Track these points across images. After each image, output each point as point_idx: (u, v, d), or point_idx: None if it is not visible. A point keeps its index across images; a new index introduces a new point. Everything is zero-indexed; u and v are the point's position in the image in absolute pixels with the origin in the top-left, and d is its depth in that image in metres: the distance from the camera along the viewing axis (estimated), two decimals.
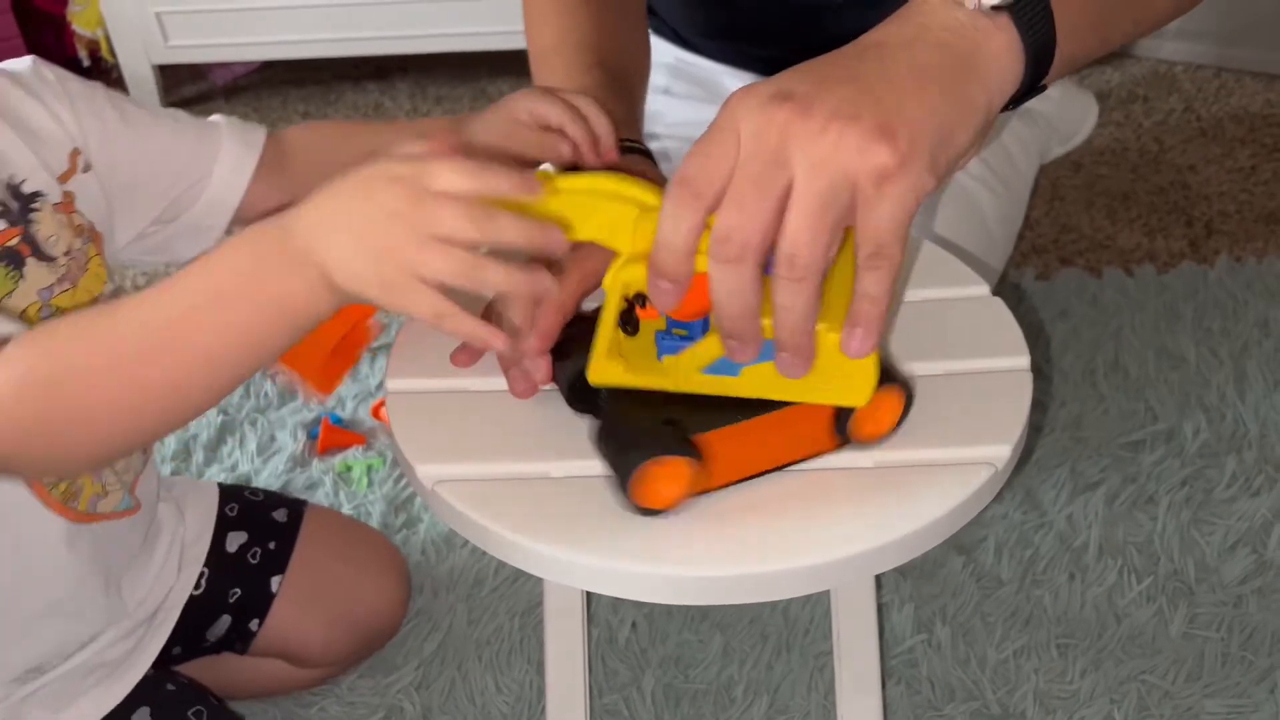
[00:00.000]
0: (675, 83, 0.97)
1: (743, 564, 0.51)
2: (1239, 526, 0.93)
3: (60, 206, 0.62)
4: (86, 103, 0.64)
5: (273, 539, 0.80)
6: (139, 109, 0.67)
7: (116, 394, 0.48)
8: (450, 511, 0.55)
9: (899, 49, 0.48)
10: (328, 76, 1.81)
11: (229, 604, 0.78)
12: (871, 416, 0.53)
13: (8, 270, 0.59)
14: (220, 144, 0.68)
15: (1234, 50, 1.68)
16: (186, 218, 0.68)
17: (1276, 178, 1.42)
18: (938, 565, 0.93)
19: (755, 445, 0.52)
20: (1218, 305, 1.17)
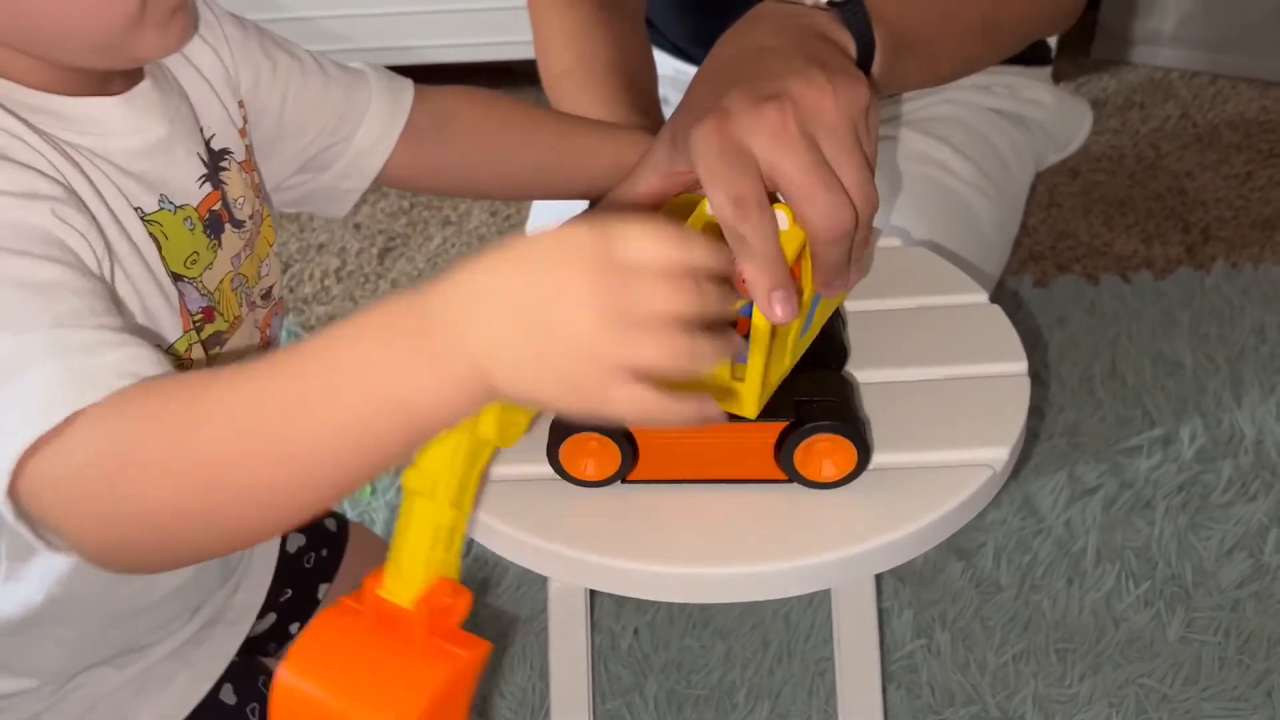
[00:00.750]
0: (673, 93, 0.98)
1: (742, 562, 0.51)
2: (1236, 531, 0.94)
3: (244, 165, 0.57)
4: (241, 48, 0.59)
5: (325, 546, 0.79)
6: (290, 57, 0.61)
7: (177, 496, 0.39)
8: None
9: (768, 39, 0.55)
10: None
11: (279, 603, 0.76)
12: (818, 460, 0.53)
13: (210, 241, 0.55)
14: (369, 102, 0.62)
15: (1230, 57, 1.69)
16: (325, 177, 0.64)
17: (1272, 183, 1.43)
18: (937, 570, 0.93)
19: (694, 454, 0.53)
20: (1214, 311, 1.18)
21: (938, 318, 0.64)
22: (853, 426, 0.52)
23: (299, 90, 0.61)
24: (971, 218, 0.90)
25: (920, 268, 0.69)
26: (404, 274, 1.36)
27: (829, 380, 0.55)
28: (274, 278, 0.63)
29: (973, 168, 0.91)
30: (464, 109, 0.66)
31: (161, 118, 0.53)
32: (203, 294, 0.56)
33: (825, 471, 0.53)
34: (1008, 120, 0.95)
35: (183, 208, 0.54)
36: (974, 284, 0.67)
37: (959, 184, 0.90)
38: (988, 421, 0.57)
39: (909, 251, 0.72)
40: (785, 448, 0.52)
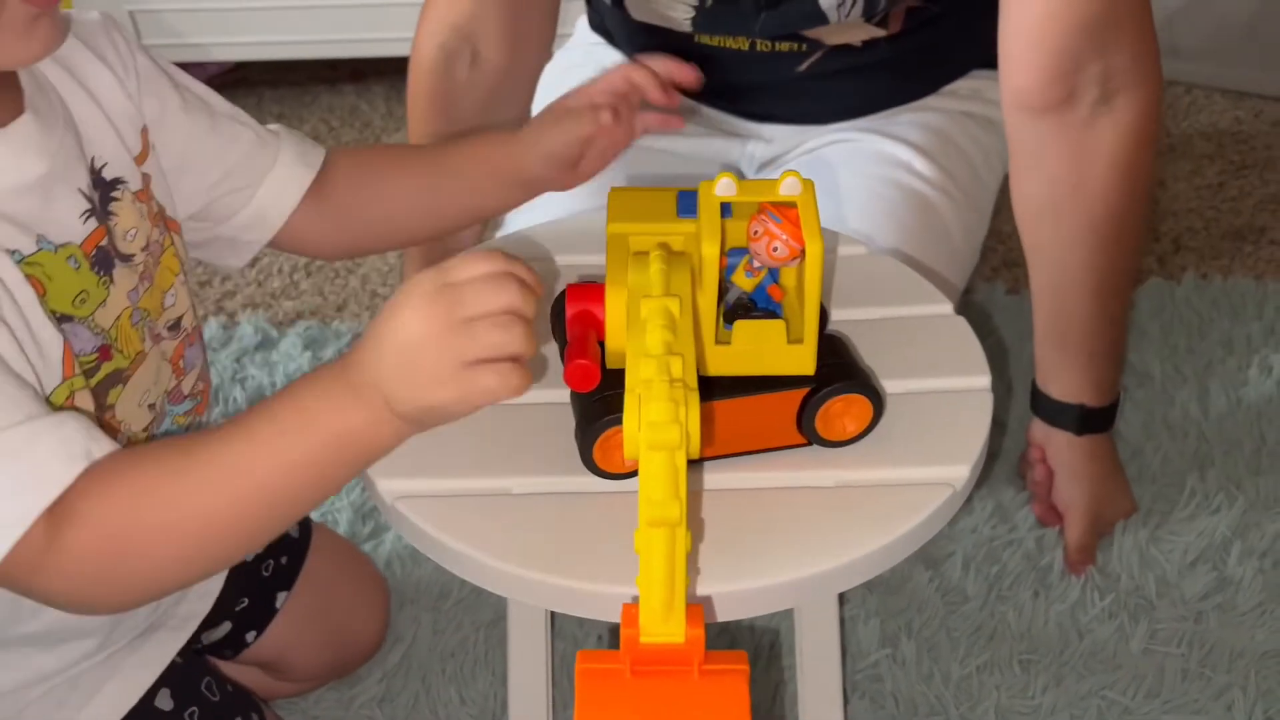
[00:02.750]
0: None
1: (706, 584, 0.51)
2: (1199, 544, 0.94)
3: (139, 195, 0.57)
4: (150, 79, 0.59)
5: (285, 554, 0.79)
6: (201, 100, 0.62)
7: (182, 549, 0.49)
8: (410, 527, 0.55)
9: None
10: (303, 78, 1.80)
11: (234, 612, 0.76)
12: (838, 418, 0.55)
13: (100, 278, 0.54)
14: (277, 157, 0.64)
15: (1203, 67, 1.70)
16: (225, 227, 0.64)
17: (1244, 195, 1.44)
18: (904, 579, 0.93)
19: (720, 428, 0.54)
20: (1184, 322, 1.18)
21: (901, 329, 0.64)
22: (867, 383, 0.55)
23: (206, 131, 0.62)
24: (937, 222, 0.89)
25: (885, 277, 0.69)
26: (374, 269, 1.35)
27: (829, 343, 0.57)
28: (182, 307, 0.61)
29: (937, 170, 0.91)
30: (341, 164, 0.67)
31: (40, 155, 0.52)
32: (96, 333, 0.54)
33: (845, 429, 0.55)
34: (974, 122, 0.95)
35: (65, 246, 0.53)
36: (939, 294, 0.67)
37: (924, 186, 0.90)
38: (949, 438, 0.57)
39: (874, 259, 0.71)
40: (807, 412, 0.54)
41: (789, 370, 0.54)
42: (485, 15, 0.87)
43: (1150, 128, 0.81)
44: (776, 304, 0.56)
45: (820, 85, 0.91)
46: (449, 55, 0.88)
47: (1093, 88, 0.78)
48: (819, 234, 0.52)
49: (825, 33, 0.87)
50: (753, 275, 0.56)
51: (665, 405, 0.45)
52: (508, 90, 0.91)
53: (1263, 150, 1.54)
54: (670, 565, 0.44)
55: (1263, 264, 1.30)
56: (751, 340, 0.54)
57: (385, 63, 1.76)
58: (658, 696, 0.43)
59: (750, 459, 0.56)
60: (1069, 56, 0.77)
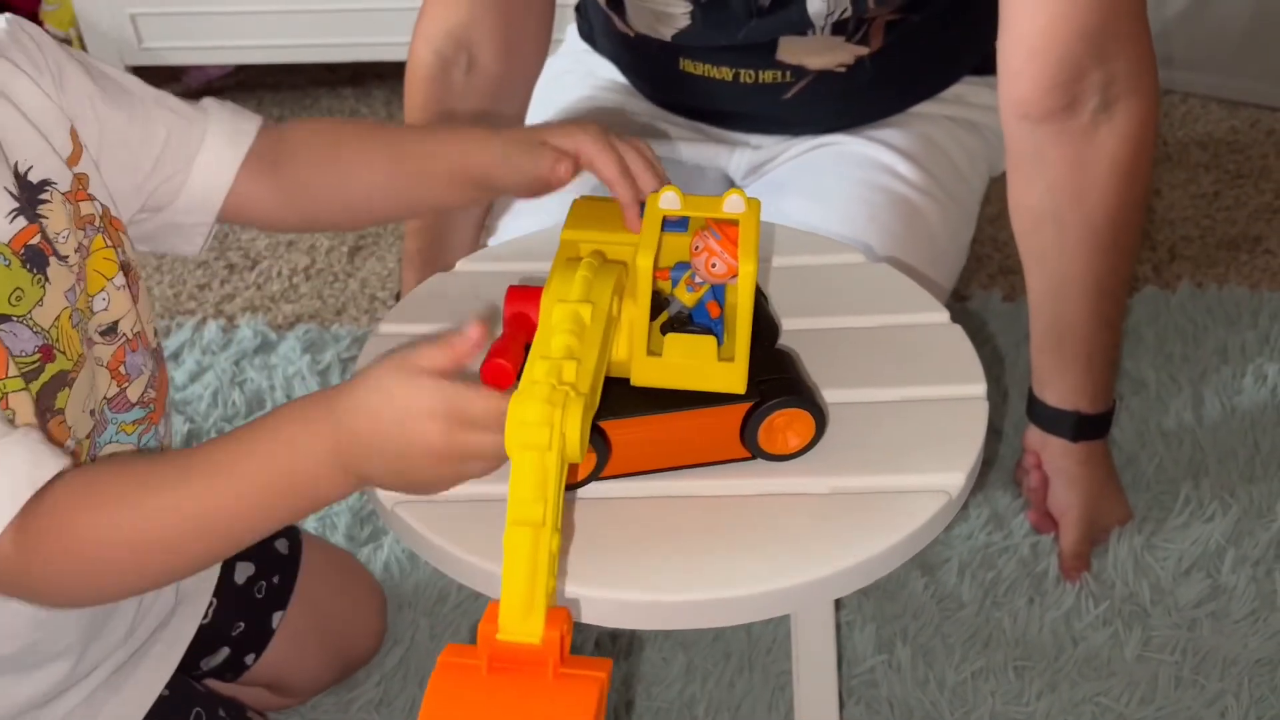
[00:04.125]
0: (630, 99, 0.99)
1: (703, 589, 0.52)
2: (1193, 551, 0.95)
3: (70, 195, 0.56)
4: (69, 78, 0.59)
5: (277, 572, 0.79)
6: (121, 88, 0.61)
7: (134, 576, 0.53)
8: (409, 532, 0.55)
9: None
10: (303, 81, 1.81)
11: (231, 637, 0.76)
12: (781, 432, 0.55)
13: (34, 276, 0.54)
14: (205, 133, 0.62)
15: (1199, 76, 1.70)
16: (167, 213, 0.63)
17: (1239, 204, 1.45)
18: (900, 585, 0.94)
19: (662, 442, 0.54)
20: (1179, 331, 1.19)
21: (898, 337, 0.64)
22: (809, 398, 0.54)
23: (129, 119, 0.61)
24: (921, 224, 0.90)
25: (882, 285, 0.70)
26: (373, 273, 1.35)
27: (774, 358, 0.57)
28: (118, 312, 0.60)
29: (921, 173, 0.92)
30: (299, 135, 0.66)
31: None
32: (36, 332, 0.54)
33: (788, 444, 0.55)
34: (957, 125, 0.96)
35: None
36: (935, 302, 0.68)
37: (907, 189, 0.90)
38: (945, 445, 0.57)
39: (871, 268, 0.72)
40: (749, 427, 0.54)
41: (719, 387, 0.54)
42: (480, 21, 0.87)
43: (1149, 135, 0.82)
44: (714, 320, 0.56)
45: (806, 110, 0.92)
46: (445, 61, 0.89)
47: (1093, 96, 0.79)
48: (754, 254, 0.52)
49: (807, 55, 0.88)
50: (694, 290, 0.56)
51: (540, 406, 0.45)
52: (504, 95, 0.92)
53: (1258, 159, 1.54)
54: (532, 565, 0.44)
55: (1258, 273, 1.31)
56: (682, 355, 0.54)
57: (385, 66, 1.76)
58: (509, 695, 0.43)
59: (743, 467, 0.56)
60: (1070, 65, 0.77)
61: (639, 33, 0.90)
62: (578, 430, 0.45)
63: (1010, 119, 0.82)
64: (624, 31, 0.91)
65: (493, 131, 0.65)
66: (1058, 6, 0.76)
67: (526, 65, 0.93)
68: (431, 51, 0.89)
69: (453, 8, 0.87)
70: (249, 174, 0.64)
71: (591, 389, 0.48)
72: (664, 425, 0.54)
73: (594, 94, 1.00)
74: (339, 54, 1.69)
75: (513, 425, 0.45)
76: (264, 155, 0.64)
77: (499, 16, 0.87)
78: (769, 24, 0.85)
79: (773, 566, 0.52)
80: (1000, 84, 0.82)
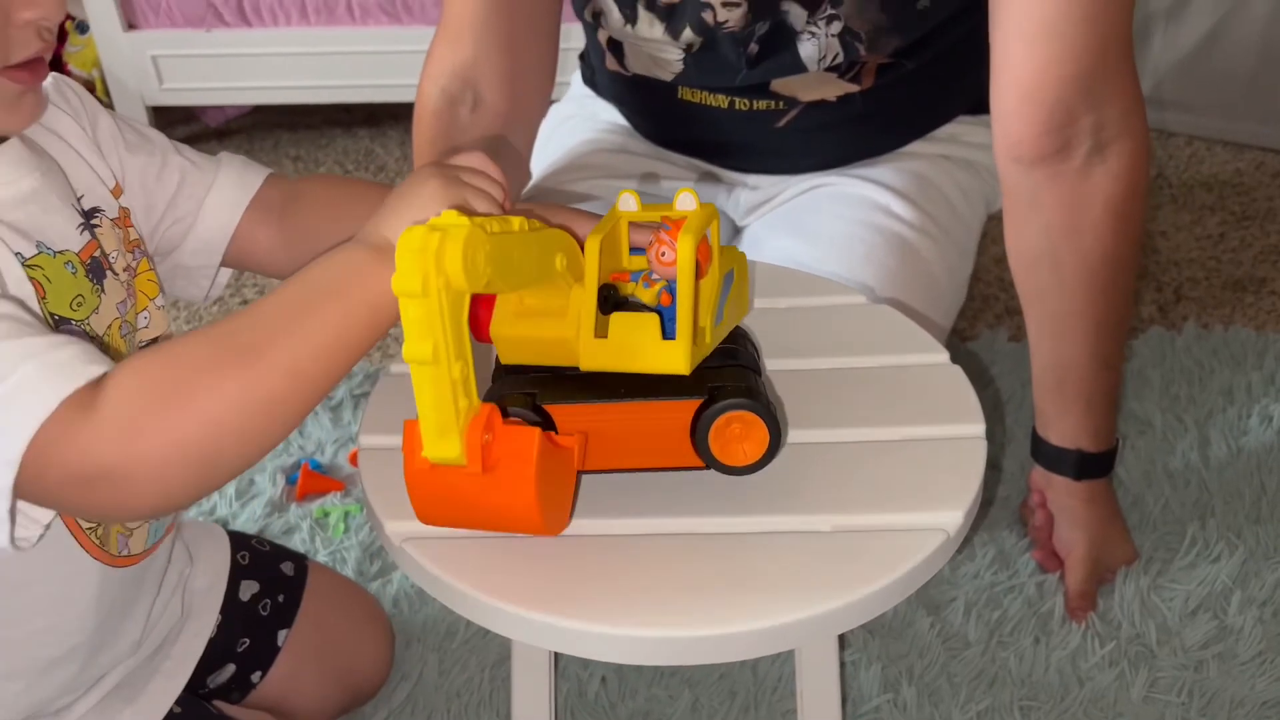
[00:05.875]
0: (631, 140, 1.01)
1: (706, 625, 0.52)
2: (1199, 592, 0.95)
3: (117, 221, 0.62)
4: (103, 123, 0.64)
5: (282, 592, 0.80)
6: (141, 135, 0.66)
7: (232, 397, 0.49)
8: (417, 568, 0.56)
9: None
10: (319, 121, 1.84)
11: (236, 653, 0.77)
12: (736, 443, 0.55)
13: (93, 285, 0.58)
14: (215, 179, 0.67)
15: (1206, 119, 1.72)
16: (176, 255, 0.67)
17: (1244, 245, 1.46)
18: (906, 624, 0.94)
19: (613, 436, 0.55)
20: (1184, 372, 1.19)
21: (899, 377, 0.65)
22: (762, 404, 0.54)
23: (147, 166, 0.65)
24: (918, 262, 0.91)
25: (884, 326, 0.71)
26: None
27: (740, 372, 0.57)
28: (157, 330, 0.64)
29: (917, 211, 0.93)
30: (310, 187, 0.70)
31: (33, 170, 0.57)
32: (90, 337, 0.57)
33: (743, 453, 0.55)
34: (952, 163, 0.97)
35: (63, 253, 0.57)
36: (936, 343, 0.69)
37: (903, 228, 0.92)
38: (944, 485, 0.58)
39: (873, 309, 0.73)
40: (700, 428, 0.54)
41: (662, 368, 0.54)
42: (485, 60, 0.89)
43: (1141, 176, 0.84)
44: (666, 309, 0.56)
45: (799, 140, 0.93)
46: (451, 99, 0.91)
47: (1086, 139, 0.80)
48: (693, 234, 0.54)
49: (800, 89, 0.90)
50: (650, 286, 0.57)
51: (411, 256, 0.46)
52: (509, 131, 0.94)
53: (1264, 201, 1.56)
54: (435, 395, 0.48)
55: (1263, 314, 1.32)
56: (626, 332, 0.54)
57: (399, 107, 1.80)
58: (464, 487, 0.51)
59: (747, 504, 0.57)
60: (1062, 110, 0.79)
61: (636, 73, 0.93)
62: (458, 261, 0.46)
63: (1005, 162, 0.84)
64: (622, 73, 0.94)
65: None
66: (1049, 53, 0.77)
67: (531, 103, 0.95)
68: (438, 89, 0.91)
69: (459, 47, 0.90)
70: (253, 219, 0.67)
71: (498, 242, 0.49)
72: (611, 415, 0.54)
73: (596, 136, 1.02)
74: (354, 95, 1.73)
75: (397, 274, 0.47)
76: (270, 203, 0.68)
77: (503, 56, 0.90)
78: (763, 69, 0.87)
79: (775, 602, 0.52)
80: (994, 128, 0.84)
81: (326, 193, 0.70)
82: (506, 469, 0.50)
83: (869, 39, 0.85)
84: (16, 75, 0.53)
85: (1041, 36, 0.77)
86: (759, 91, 0.90)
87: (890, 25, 0.84)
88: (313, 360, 0.50)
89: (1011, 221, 0.87)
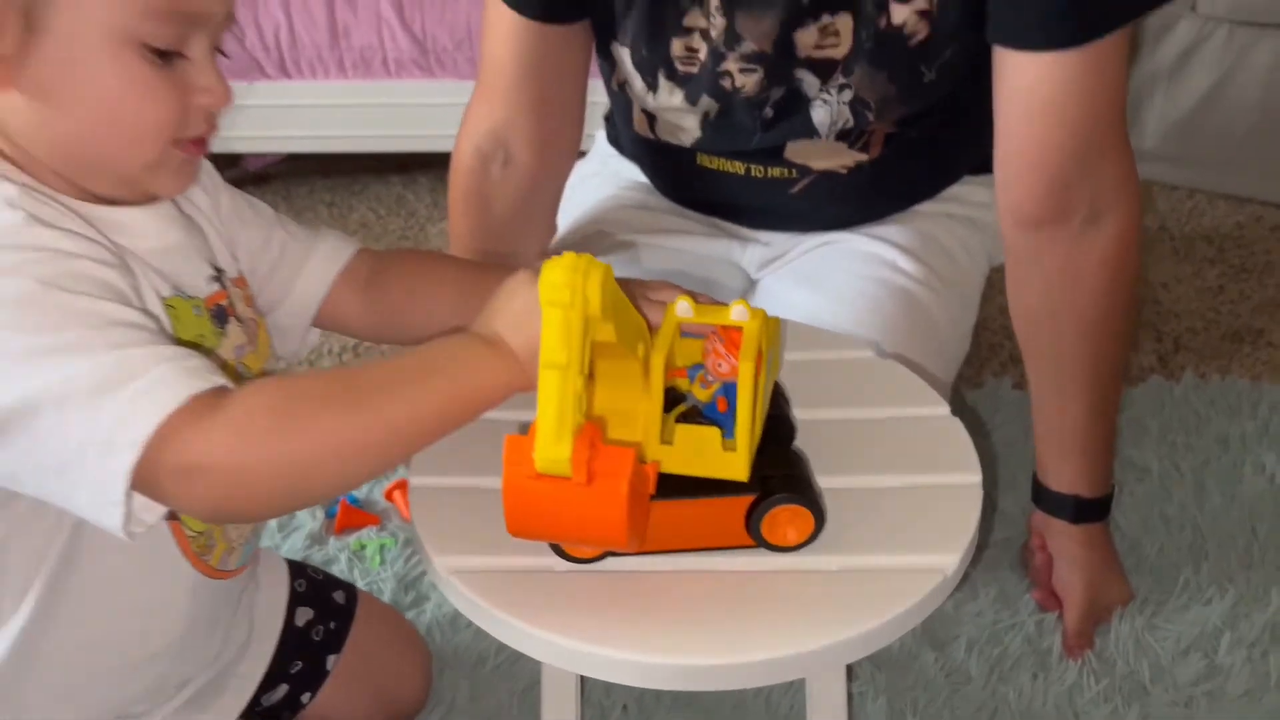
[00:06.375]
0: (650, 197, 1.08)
1: (724, 654, 0.57)
2: (1191, 632, 0.99)
3: (237, 281, 0.70)
4: (224, 197, 0.73)
5: (333, 619, 0.86)
6: (253, 211, 0.75)
7: (338, 434, 0.55)
8: (461, 597, 0.62)
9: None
10: (353, 168, 1.91)
11: (289, 674, 0.83)
12: (783, 526, 0.61)
13: (215, 327, 0.66)
14: (309, 254, 0.76)
15: (1207, 173, 1.77)
16: (274, 315, 0.76)
17: (1243, 297, 1.51)
18: (911, 658, 0.99)
19: (675, 525, 0.61)
20: (1182, 421, 1.24)
21: (903, 429, 0.71)
22: (810, 497, 0.61)
23: (259, 235, 0.74)
24: (922, 315, 0.97)
25: (889, 379, 0.76)
26: None
27: (785, 456, 0.63)
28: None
29: (921, 266, 0.99)
30: (394, 263, 0.78)
31: (179, 227, 0.66)
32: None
33: (788, 537, 0.61)
34: (956, 221, 1.03)
35: (193, 298, 0.65)
36: (938, 396, 0.74)
37: (909, 282, 0.97)
38: (942, 529, 0.63)
39: (879, 363, 0.79)
40: (753, 518, 0.60)
41: (723, 474, 0.60)
42: (516, 122, 0.97)
43: (1133, 240, 0.89)
44: (723, 415, 0.62)
45: (811, 205, 1.00)
46: (484, 157, 0.98)
47: (1082, 204, 0.86)
48: (753, 357, 0.59)
49: (812, 157, 0.96)
50: (706, 387, 0.63)
51: (565, 272, 0.53)
52: (537, 188, 1.01)
53: (1262, 255, 1.61)
54: (559, 401, 0.53)
55: (1260, 365, 1.37)
56: (690, 444, 0.60)
57: (430, 156, 1.86)
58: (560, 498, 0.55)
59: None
60: (1059, 178, 0.85)
61: (662, 139, 0.99)
62: (598, 290, 0.53)
63: (1007, 224, 0.90)
64: (648, 137, 1.00)
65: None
66: (1046, 125, 0.83)
67: (558, 162, 1.02)
68: (473, 147, 0.98)
69: (493, 109, 0.97)
70: (342, 288, 0.76)
71: (619, 293, 0.56)
72: (676, 510, 0.60)
73: (618, 193, 1.09)
74: (386, 144, 1.79)
75: (543, 285, 0.53)
76: (357, 274, 0.76)
77: (534, 119, 0.97)
78: (777, 133, 0.94)
79: (785, 635, 0.58)
80: (998, 193, 0.90)
81: (408, 268, 0.78)
82: (603, 483, 0.54)
83: (878, 107, 0.91)
84: (186, 147, 0.62)
85: (1041, 112, 0.83)
86: (773, 158, 0.96)
87: (898, 95, 0.90)
88: (409, 421, 0.57)
89: (1013, 280, 0.93)
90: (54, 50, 0.57)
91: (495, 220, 1.00)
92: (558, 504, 0.55)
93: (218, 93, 0.62)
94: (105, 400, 0.52)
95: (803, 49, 0.88)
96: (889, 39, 0.86)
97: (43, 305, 0.53)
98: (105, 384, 0.52)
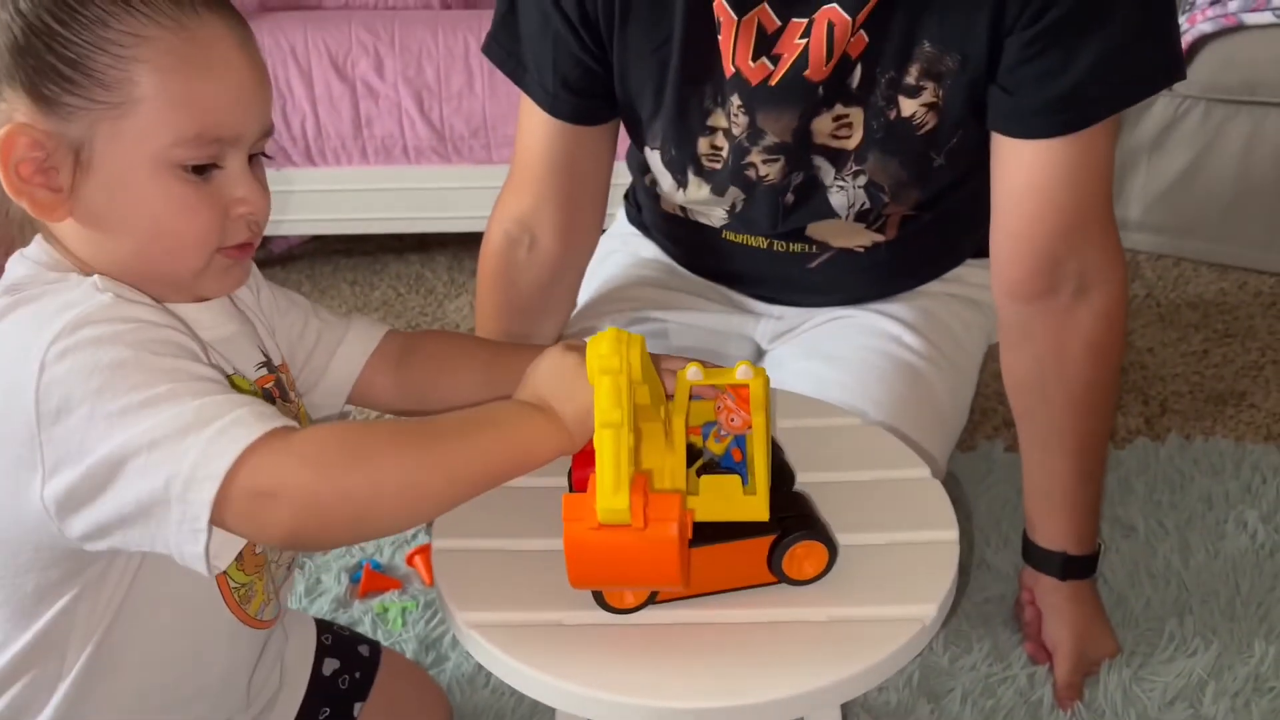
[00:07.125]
0: (668, 275, 1.15)
1: (726, 697, 0.63)
2: (1177, 683, 1.03)
3: (281, 367, 0.77)
4: (265, 291, 0.80)
5: (359, 670, 0.92)
6: (290, 303, 0.82)
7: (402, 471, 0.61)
8: (482, 650, 0.67)
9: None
10: (373, 248, 2.00)
11: None
12: (800, 561, 0.68)
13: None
14: (342, 339, 0.83)
15: (1192, 241, 1.84)
16: (309, 396, 0.82)
17: (1226, 361, 1.57)
18: (908, 711, 1.03)
19: (705, 569, 0.67)
20: (1167, 480, 1.29)
21: (885, 490, 0.77)
22: (824, 533, 0.68)
23: (296, 325, 0.81)
24: (924, 387, 1.03)
25: (874, 444, 0.83)
26: None
27: (792, 498, 0.70)
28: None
29: (924, 342, 1.05)
30: (424, 343, 0.86)
31: (231, 319, 0.73)
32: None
33: (804, 570, 0.68)
34: (957, 301, 1.10)
35: (246, 379, 0.72)
36: (919, 460, 0.80)
37: (912, 357, 1.04)
38: (921, 581, 0.69)
39: (866, 429, 0.85)
40: (775, 556, 0.67)
41: (746, 517, 0.67)
42: (542, 210, 1.04)
43: (1119, 312, 0.96)
44: (738, 464, 0.70)
45: (827, 279, 1.07)
46: (512, 241, 1.06)
47: (1071, 281, 0.93)
48: (763, 409, 0.67)
49: (832, 235, 1.03)
50: (720, 440, 0.71)
51: (611, 342, 0.60)
52: (560, 270, 1.08)
53: (1245, 320, 1.67)
54: (616, 456, 0.59)
55: (1243, 426, 1.42)
56: (715, 491, 0.67)
57: (447, 236, 1.95)
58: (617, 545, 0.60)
59: (756, 598, 0.68)
60: (1049, 255, 0.92)
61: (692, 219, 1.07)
62: (639, 358, 0.61)
63: (1001, 298, 0.96)
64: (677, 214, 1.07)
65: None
66: (1037, 206, 0.90)
67: (581, 246, 1.10)
68: (502, 231, 1.06)
69: (522, 197, 1.05)
70: (373, 369, 0.83)
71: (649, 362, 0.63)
72: (707, 555, 0.67)
73: (637, 271, 1.16)
74: (406, 226, 1.88)
75: (593, 356, 0.61)
76: (388, 355, 0.83)
77: (559, 208, 1.05)
78: (799, 215, 1.01)
79: (780, 680, 0.63)
80: (992, 268, 0.97)
81: (437, 348, 0.85)
82: (656, 528, 0.60)
83: (891, 190, 0.98)
84: (230, 254, 0.69)
85: (1031, 195, 0.90)
86: (795, 236, 1.03)
87: (909, 179, 0.97)
88: (467, 469, 0.64)
89: (1006, 350, 1.00)
90: (101, 181, 0.64)
91: (520, 298, 1.07)
92: (617, 551, 0.61)
93: (254, 202, 0.67)
94: (189, 440, 0.58)
95: (819, 136, 0.95)
96: (899, 127, 0.93)
97: (135, 368, 0.60)
98: (189, 427, 0.58)
